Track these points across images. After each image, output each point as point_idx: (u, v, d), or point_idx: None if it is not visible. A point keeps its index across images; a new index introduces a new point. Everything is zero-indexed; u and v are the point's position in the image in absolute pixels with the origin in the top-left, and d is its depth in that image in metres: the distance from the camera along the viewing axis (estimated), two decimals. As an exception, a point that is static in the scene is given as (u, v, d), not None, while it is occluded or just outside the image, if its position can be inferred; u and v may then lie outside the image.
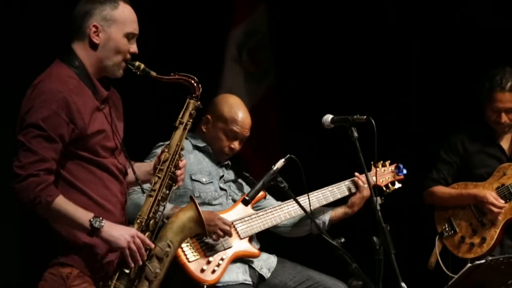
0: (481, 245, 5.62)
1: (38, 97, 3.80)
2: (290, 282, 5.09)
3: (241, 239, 5.02)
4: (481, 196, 5.60)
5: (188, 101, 4.13)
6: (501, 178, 5.66)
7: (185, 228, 4.13)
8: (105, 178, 3.91)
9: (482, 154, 5.72)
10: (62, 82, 3.84)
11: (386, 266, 4.24)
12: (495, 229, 5.62)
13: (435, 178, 5.71)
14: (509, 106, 5.59)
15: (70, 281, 3.81)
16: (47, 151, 3.76)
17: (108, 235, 3.82)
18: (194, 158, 5.08)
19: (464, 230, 5.67)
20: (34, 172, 3.73)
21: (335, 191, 5.16)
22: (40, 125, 3.76)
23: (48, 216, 3.78)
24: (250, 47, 6.87)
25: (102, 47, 3.93)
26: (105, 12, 3.92)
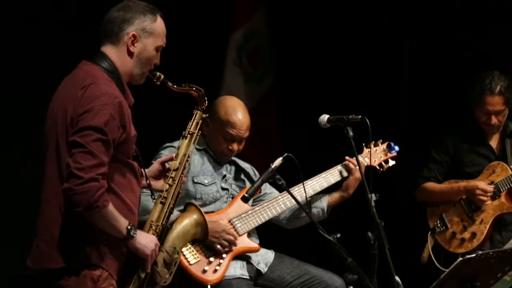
0: (472, 240, 5.64)
1: (95, 100, 3.71)
2: (288, 277, 5.08)
3: (239, 235, 5.00)
4: (470, 185, 5.62)
5: (196, 112, 4.17)
6: (490, 176, 5.67)
7: (188, 233, 4.16)
8: (133, 181, 3.87)
9: (472, 153, 5.74)
10: (111, 87, 3.79)
11: (380, 260, 4.24)
12: (484, 225, 5.64)
13: (426, 177, 5.72)
14: (498, 109, 5.61)
15: (100, 283, 3.74)
16: (104, 155, 3.67)
17: (137, 243, 3.80)
18: (197, 159, 5.07)
19: (455, 226, 5.68)
20: (95, 176, 3.63)
21: (328, 177, 5.13)
22: (102, 129, 3.67)
23: (96, 220, 3.70)
24: (249, 50, 6.86)
25: (136, 56, 3.90)
26: (145, 24, 3.90)
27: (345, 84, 6.82)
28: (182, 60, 6.00)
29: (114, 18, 3.90)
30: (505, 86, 5.59)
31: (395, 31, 6.86)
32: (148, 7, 3.94)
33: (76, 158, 3.65)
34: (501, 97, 5.59)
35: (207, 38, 6.48)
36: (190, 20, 6.35)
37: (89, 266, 3.74)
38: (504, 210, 5.64)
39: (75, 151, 3.66)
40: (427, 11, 6.79)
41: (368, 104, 6.28)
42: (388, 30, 6.85)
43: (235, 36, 6.81)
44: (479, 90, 5.60)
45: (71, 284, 3.74)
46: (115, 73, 3.87)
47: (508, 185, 5.61)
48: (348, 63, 6.84)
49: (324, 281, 5.06)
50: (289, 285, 5.08)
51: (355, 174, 5.10)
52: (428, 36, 6.80)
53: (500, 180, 5.63)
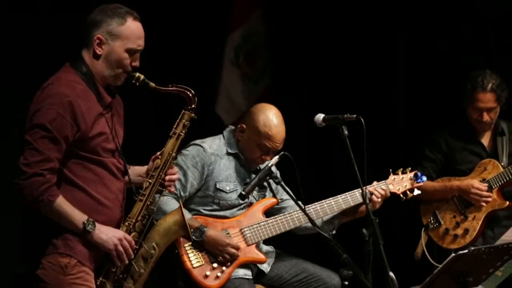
0: (464, 236, 5.63)
1: (45, 99, 3.83)
2: (286, 275, 5.08)
3: (248, 245, 4.96)
4: (464, 185, 5.60)
5: (183, 112, 4.13)
6: (482, 173, 5.67)
7: (170, 231, 4.15)
8: (105, 177, 3.93)
9: (464, 151, 5.73)
10: (69, 87, 3.87)
11: (375, 256, 4.24)
12: (477, 221, 5.63)
13: (428, 171, 5.68)
14: (490, 106, 5.60)
15: (68, 270, 3.84)
16: (51, 152, 3.79)
17: (97, 238, 3.87)
18: (224, 164, 4.99)
19: (448, 223, 5.67)
20: (39, 171, 3.77)
21: (348, 198, 5.03)
22: (46, 127, 3.79)
23: (47, 214, 3.81)
24: (247, 50, 6.86)
25: (104, 58, 3.95)
26: (111, 27, 3.93)
27: (341, 83, 6.80)
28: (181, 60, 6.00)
29: (87, 22, 3.98)
30: (496, 84, 5.59)
31: (390, 31, 6.85)
32: (119, 11, 3.96)
33: (25, 154, 3.82)
34: (492, 94, 5.58)
35: (206, 38, 6.47)
36: (188, 21, 6.35)
37: (57, 254, 3.85)
38: (496, 207, 5.63)
39: (25, 148, 3.82)
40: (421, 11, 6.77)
41: (363, 103, 6.26)
42: (383, 30, 6.83)
43: (233, 36, 6.81)
44: (471, 88, 5.60)
45: (43, 273, 3.87)
46: (88, 74, 3.94)
47: (500, 182, 5.60)
48: (344, 63, 6.83)
49: (322, 279, 5.05)
50: (287, 283, 5.08)
51: (376, 205, 5.01)
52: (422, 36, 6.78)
53: (491, 177, 5.63)
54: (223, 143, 5.03)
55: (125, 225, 4.00)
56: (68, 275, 3.84)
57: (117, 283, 3.98)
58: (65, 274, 3.84)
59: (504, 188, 5.65)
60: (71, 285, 3.85)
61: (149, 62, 4.09)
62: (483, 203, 5.60)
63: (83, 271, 3.87)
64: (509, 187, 5.66)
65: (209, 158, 4.96)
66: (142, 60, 4.04)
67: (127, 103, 4.19)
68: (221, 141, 5.05)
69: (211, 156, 4.97)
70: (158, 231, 4.10)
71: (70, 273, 3.84)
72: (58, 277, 3.84)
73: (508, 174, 5.58)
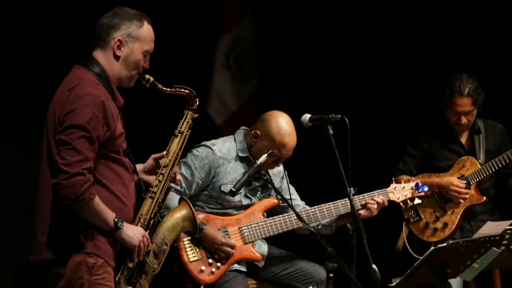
0: (444, 230, 5.66)
1: (78, 100, 3.76)
2: (275, 268, 5.10)
3: (245, 244, 4.97)
4: (444, 182, 5.64)
5: (187, 112, 4.16)
6: (461, 170, 5.69)
7: (178, 226, 4.15)
8: (124, 176, 3.90)
9: (444, 149, 5.75)
10: (96, 88, 3.83)
11: (358, 249, 4.27)
12: (456, 215, 5.66)
13: (401, 169, 5.72)
14: (467, 109, 5.63)
15: (95, 270, 3.79)
16: (89, 151, 3.73)
17: (124, 235, 3.84)
18: (231, 167, 4.98)
19: (428, 217, 5.69)
20: (81, 171, 3.69)
21: (347, 204, 5.00)
22: (85, 127, 3.72)
23: (83, 213, 3.75)
24: (237, 53, 6.85)
25: (123, 60, 3.93)
26: (131, 29, 3.92)
27: (326, 85, 6.81)
28: (175, 63, 6.01)
29: (103, 24, 3.93)
30: (473, 88, 5.60)
31: (374, 35, 6.86)
32: (136, 14, 3.96)
33: (63, 154, 3.71)
34: (469, 99, 5.60)
35: (198, 43, 6.47)
36: (181, 26, 6.34)
37: (85, 254, 3.78)
38: (474, 202, 5.67)
39: (62, 148, 3.73)
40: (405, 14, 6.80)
41: (348, 103, 6.29)
42: (366, 35, 6.85)
43: (223, 40, 6.79)
44: (449, 93, 5.62)
45: (68, 272, 3.79)
46: (103, 76, 3.90)
47: (477, 178, 5.63)
48: (329, 65, 6.83)
49: (309, 273, 5.08)
50: (276, 276, 5.10)
51: (373, 212, 5.03)
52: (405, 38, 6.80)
53: (469, 173, 5.65)
54: (233, 147, 5.02)
55: (140, 223, 3.98)
56: (94, 275, 3.78)
57: (131, 279, 3.95)
58: (91, 274, 3.77)
59: (481, 184, 5.70)
60: (96, 285, 3.78)
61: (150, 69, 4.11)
62: (461, 200, 5.64)
63: (107, 272, 3.82)
64: (486, 184, 5.71)
65: (217, 161, 4.95)
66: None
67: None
68: (231, 144, 5.04)
69: (219, 160, 4.95)
70: (167, 227, 4.10)
71: (96, 274, 3.78)
72: (83, 276, 3.76)
73: (485, 171, 5.61)
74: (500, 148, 5.74)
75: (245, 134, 5.06)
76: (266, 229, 4.97)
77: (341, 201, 5.04)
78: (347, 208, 4.99)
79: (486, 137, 5.76)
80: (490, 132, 5.78)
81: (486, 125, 5.77)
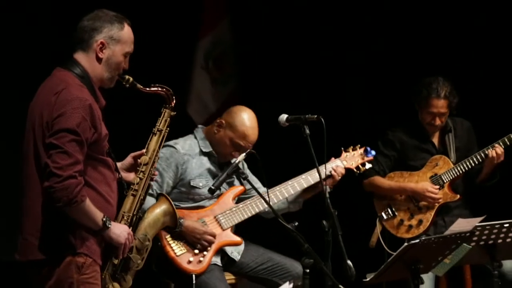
0: (418, 227, 5.68)
1: (67, 104, 3.74)
2: (252, 263, 5.12)
3: (223, 230, 5.01)
4: (419, 188, 5.65)
5: (165, 111, 4.16)
6: (434, 168, 5.72)
7: (159, 222, 4.17)
8: (108, 176, 3.90)
9: (416, 148, 5.77)
10: (81, 91, 3.82)
11: (334, 246, 4.28)
12: (430, 212, 5.68)
13: (375, 169, 5.72)
14: (442, 111, 5.65)
15: (84, 269, 3.79)
16: (79, 154, 3.72)
17: (112, 233, 3.84)
18: (196, 162, 5.03)
19: (402, 214, 5.71)
20: (73, 174, 3.67)
21: (308, 178, 5.11)
22: (75, 130, 3.71)
23: (75, 214, 3.74)
24: (215, 55, 6.86)
25: (105, 62, 3.92)
26: (112, 32, 3.91)
27: (302, 86, 6.84)
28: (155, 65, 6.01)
29: (84, 26, 3.92)
30: (449, 91, 5.62)
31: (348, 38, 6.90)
32: (116, 16, 3.95)
33: (54, 158, 3.68)
34: (446, 101, 5.62)
35: (177, 45, 6.48)
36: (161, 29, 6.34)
37: (74, 254, 3.77)
38: (448, 199, 5.69)
39: (52, 152, 3.70)
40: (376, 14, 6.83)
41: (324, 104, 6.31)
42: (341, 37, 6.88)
43: (203, 43, 6.81)
44: (426, 94, 5.62)
45: (58, 271, 3.78)
46: (86, 78, 3.88)
47: (451, 176, 5.66)
48: (305, 67, 6.86)
49: (286, 267, 5.11)
50: (253, 271, 5.12)
51: (337, 178, 5.09)
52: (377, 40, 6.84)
53: (443, 172, 5.68)
54: (195, 143, 5.06)
55: (123, 220, 3.98)
56: (83, 274, 3.76)
57: (115, 275, 3.96)
58: (80, 273, 3.76)
59: (454, 182, 5.72)
60: (84, 284, 3.77)
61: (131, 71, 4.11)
62: (436, 204, 5.66)
63: (95, 271, 3.82)
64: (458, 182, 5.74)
65: (182, 157, 5.00)
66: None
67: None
68: (192, 141, 5.09)
69: (183, 156, 5.01)
70: (148, 223, 4.12)
71: (85, 273, 3.77)
72: (72, 275, 3.75)
73: (459, 170, 5.64)
74: (468, 145, 5.79)
75: (207, 129, 5.11)
76: (240, 214, 5.04)
77: (302, 176, 5.10)
78: (308, 182, 5.09)
79: (456, 136, 5.79)
80: (458, 130, 5.81)
81: (454, 124, 5.80)
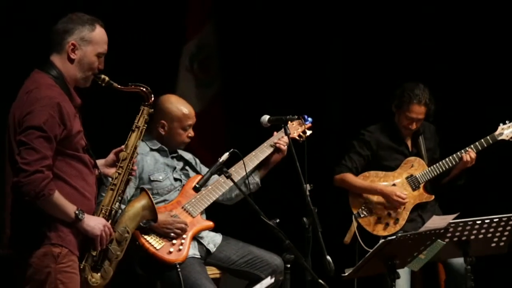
0: (395, 225, 5.71)
1: (36, 102, 3.83)
2: (233, 256, 5.14)
3: (193, 217, 5.05)
4: (388, 191, 5.68)
5: (143, 108, 4.21)
6: (409, 169, 5.75)
7: (138, 215, 4.22)
8: (83, 171, 3.97)
9: (391, 149, 5.79)
10: (52, 90, 3.89)
11: (314, 242, 4.32)
12: (406, 212, 5.72)
13: (348, 166, 5.75)
14: (420, 117, 5.68)
15: (60, 259, 3.86)
16: (47, 150, 3.80)
17: (86, 225, 3.91)
18: (151, 159, 5.10)
19: (380, 212, 5.72)
20: (39, 168, 3.76)
21: (258, 154, 5.18)
22: (41, 127, 3.79)
23: (45, 207, 3.82)
24: (200, 58, 6.84)
25: (77, 62, 3.99)
26: (83, 33, 3.98)
27: (284, 88, 6.86)
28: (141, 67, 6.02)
29: (57, 29, 4.00)
30: (428, 98, 5.65)
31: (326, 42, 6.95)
32: (88, 18, 4.01)
33: (22, 154, 3.78)
34: (425, 108, 5.65)
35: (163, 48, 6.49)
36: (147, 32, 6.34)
37: (50, 245, 3.85)
38: (423, 200, 5.74)
39: (21, 148, 3.79)
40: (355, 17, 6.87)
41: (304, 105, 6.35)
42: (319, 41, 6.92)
43: (188, 46, 6.80)
44: (408, 99, 5.63)
45: (35, 262, 3.86)
46: (60, 78, 3.95)
47: (426, 177, 5.70)
48: (286, 69, 6.87)
49: (265, 260, 5.11)
50: (234, 264, 5.13)
51: (284, 151, 5.17)
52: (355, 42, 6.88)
53: (418, 173, 5.71)
54: (143, 144, 5.09)
55: (101, 213, 4.05)
56: (59, 263, 3.84)
57: (96, 266, 4.03)
58: (57, 262, 3.84)
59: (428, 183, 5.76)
60: (62, 273, 3.85)
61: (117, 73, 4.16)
62: (402, 206, 5.69)
63: (72, 260, 3.89)
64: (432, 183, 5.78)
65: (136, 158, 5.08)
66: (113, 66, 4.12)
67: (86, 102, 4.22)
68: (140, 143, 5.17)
69: (137, 156, 5.07)
70: (128, 216, 4.17)
71: (61, 262, 3.85)
72: (50, 265, 3.84)
73: (434, 171, 5.68)
74: (434, 148, 5.83)
75: (149, 132, 5.10)
76: (205, 199, 5.09)
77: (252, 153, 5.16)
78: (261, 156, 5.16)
79: (425, 138, 5.82)
80: (427, 133, 5.85)
81: (423, 127, 5.82)
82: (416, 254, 4.55)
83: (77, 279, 3.93)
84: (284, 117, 4.61)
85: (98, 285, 4.05)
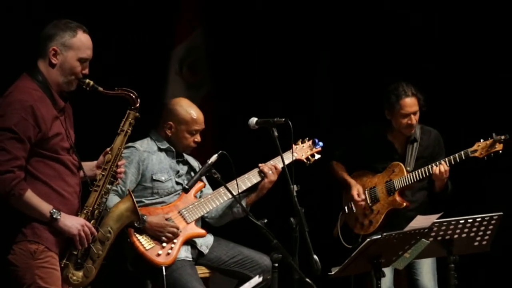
0: (369, 227, 5.72)
1: (8, 106, 3.88)
2: (224, 257, 5.15)
3: (188, 223, 5.04)
4: (352, 189, 5.71)
5: (129, 112, 4.20)
6: (391, 174, 5.72)
7: (123, 216, 4.22)
8: (63, 172, 3.99)
9: (380, 152, 5.76)
10: (28, 93, 3.92)
11: (301, 241, 4.30)
12: (380, 215, 5.71)
13: (343, 156, 5.81)
14: (415, 109, 5.62)
15: (37, 255, 3.89)
16: (18, 151, 3.84)
17: (62, 225, 3.94)
18: (156, 158, 5.09)
19: (358, 211, 5.75)
20: (10, 169, 3.81)
21: (251, 177, 5.17)
22: (12, 129, 3.84)
23: (18, 206, 3.86)
24: (189, 62, 6.85)
25: (59, 67, 4.01)
26: (64, 39, 4.00)
27: (272, 91, 6.86)
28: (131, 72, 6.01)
29: (42, 35, 4.04)
30: (414, 90, 5.62)
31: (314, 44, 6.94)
32: (71, 24, 4.03)
33: None
34: (415, 98, 5.61)
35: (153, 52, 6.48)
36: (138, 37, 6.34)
37: (26, 242, 3.90)
38: (396, 206, 5.68)
39: None
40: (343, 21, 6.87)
41: (292, 107, 6.35)
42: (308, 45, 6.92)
43: (177, 50, 6.82)
44: (396, 98, 5.60)
45: (14, 258, 3.90)
46: (44, 83, 3.99)
47: (402, 184, 5.65)
48: (274, 72, 6.88)
49: (255, 260, 5.14)
50: (225, 264, 5.15)
51: (270, 177, 5.14)
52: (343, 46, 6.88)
53: (396, 179, 5.68)
54: (152, 143, 5.13)
55: (83, 213, 4.07)
56: (36, 259, 3.90)
57: (78, 265, 4.05)
58: (34, 258, 3.89)
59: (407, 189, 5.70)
60: (39, 268, 3.90)
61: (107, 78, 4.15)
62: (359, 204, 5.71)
63: (49, 256, 3.93)
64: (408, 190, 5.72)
65: (142, 154, 5.07)
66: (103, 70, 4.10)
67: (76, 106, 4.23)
68: (149, 142, 5.16)
69: (143, 153, 5.07)
70: (112, 217, 4.18)
71: (38, 258, 3.90)
72: (27, 261, 3.89)
73: (409, 179, 5.62)
74: (433, 154, 5.74)
75: (158, 131, 5.17)
76: (202, 207, 5.10)
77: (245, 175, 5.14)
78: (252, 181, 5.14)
79: (420, 145, 5.74)
80: (425, 140, 5.76)
81: (422, 133, 5.76)
82: (401, 253, 4.55)
83: (56, 275, 3.96)
84: (272, 120, 4.58)
85: (80, 283, 4.08)
